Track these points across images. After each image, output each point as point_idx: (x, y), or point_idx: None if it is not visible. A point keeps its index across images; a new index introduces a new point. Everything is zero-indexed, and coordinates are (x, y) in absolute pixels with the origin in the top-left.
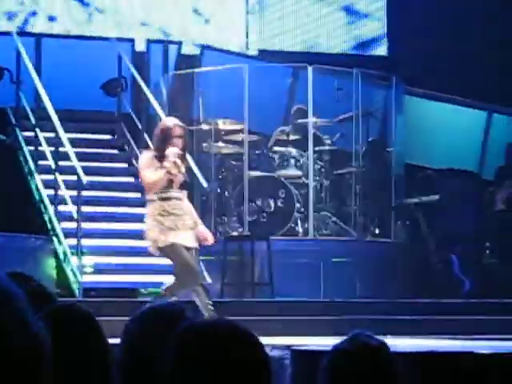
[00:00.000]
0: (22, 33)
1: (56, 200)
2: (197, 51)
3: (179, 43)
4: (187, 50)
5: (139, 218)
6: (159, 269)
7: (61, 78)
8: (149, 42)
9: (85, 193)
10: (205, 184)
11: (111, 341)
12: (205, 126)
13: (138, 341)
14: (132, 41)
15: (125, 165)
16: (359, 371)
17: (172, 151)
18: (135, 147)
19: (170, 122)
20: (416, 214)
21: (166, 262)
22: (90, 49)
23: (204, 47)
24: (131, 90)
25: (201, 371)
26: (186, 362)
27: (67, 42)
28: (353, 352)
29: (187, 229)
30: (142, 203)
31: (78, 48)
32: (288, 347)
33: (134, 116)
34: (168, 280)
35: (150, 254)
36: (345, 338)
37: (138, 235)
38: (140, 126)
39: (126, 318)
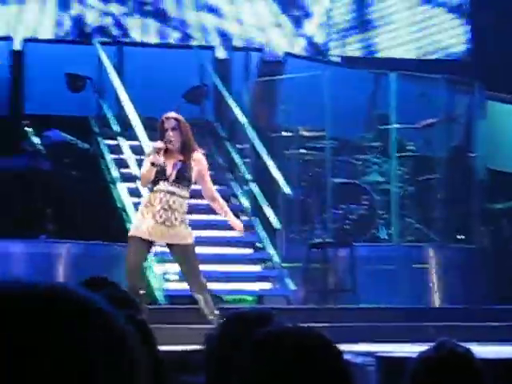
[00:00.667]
0: (104, 42)
1: None
2: (279, 58)
3: (261, 50)
4: (269, 57)
5: (222, 225)
6: (242, 276)
7: (143, 87)
8: (230, 49)
9: None
10: (287, 191)
11: (192, 347)
12: (286, 133)
13: (218, 345)
14: (213, 48)
15: (209, 173)
16: (446, 378)
17: (155, 144)
18: (219, 155)
19: (164, 115)
20: (500, 219)
21: (249, 269)
22: (172, 57)
23: (286, 54)
24: (213, 97)
25: (279, 379)
26: (264, 370)
27: (149, 50)
28: (439, 359)
29: (167, 224)
30: None
31: (160, 56)
32: (372, 354)
33: (216, 123)
34: (251, 287)
35: (234, 262)
36: (430, 345)
37: (221, 242)
38: (222, 134)
39: (209, 326)
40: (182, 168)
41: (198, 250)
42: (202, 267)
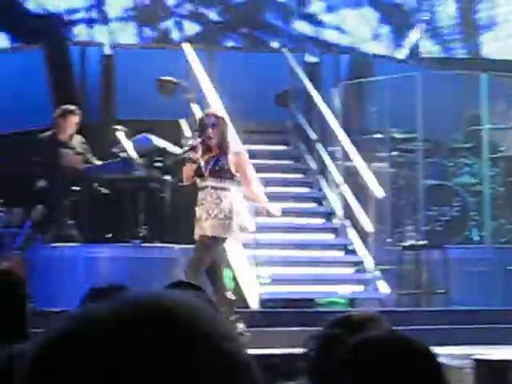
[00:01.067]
0: (195, 46)
1: None
2: (368, 61)
3: (350, 53)
4: (358, 59)
5: (315, 228)
6: (334, 279)
7: (233, 90)
8: (320, 52)
9: None
10: (379, 193)
11: (289, 351)
12: (378, 135)
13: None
14: (302, 52)
15: (299, 175)
16: None
17: (192, 141)
18: (309, 158)
19: (205, 112)
20: None
21: (341, 272)
22: (262, 60)
23: (375, 56)
24: (304, 100)
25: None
26: (359, 375)
27: (239, 54)
28: None
29: (212, 218)
30: (318, 213)
31: (250, 60)
32: (468, 356)
33: (306, 126)
34: (343, 289)
35: (325, 265)
36: None
37: (315, 245)
38: (313, 137)
39: (303, 328)
40: (216, 161)
41: (289, 253)
42: (295, 270)
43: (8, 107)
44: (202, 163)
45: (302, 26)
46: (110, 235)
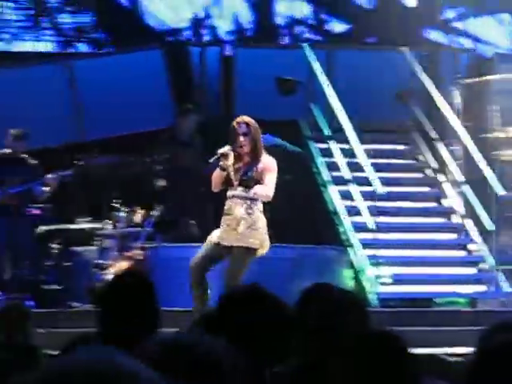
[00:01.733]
0: (313, 45)
1: (352, 211)
2: (489, 58)
3: (470, 51)
4: (477, 57)
5: (436, 228)
6: (454, 278)
7: (353, 89)
8: (439, 50)
9: (381, 203)
10: (500, 191)
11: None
12: (500, 134)
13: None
14: (420, 49)
15: (420, 175)
16: None
17: (222, 149)
18: (429, 156)
19: (236, 120)
20: None
21: (462, 271)
22: (382, 59)
23: (497, 54)
24: (423, 98)
25: None
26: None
27: (359, 53)
28: None
29: (231, 228)
30: (438, 212)
31: (371, 59)
32: None
33: (426, 125)
34: (464, 289)
35: (447, 264)
36: None
37: (435, 245)
38: (433, 135)
39: (422, 328)
40: (247, 171)
41: (409, 252)
42: (411, 270)
43: (128, 108)
44: (232, 172)
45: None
46: None
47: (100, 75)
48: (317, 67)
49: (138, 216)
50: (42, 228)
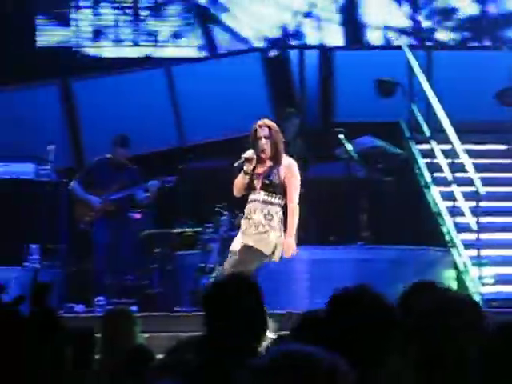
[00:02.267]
0: (413, 46)
1: (454, 212)
2: None
3: None
4: None
5: None
6: None
7: (452, 90)
8: None
9: (483, 203)
10: None
11: None
12: None
13: None
14: None
15: None
16: None
17: (246, 153)
18: None
19: (258, 122)
20: None
21: None
22: (481, 59)
23: None
24: None
25: None
26: None
27: (458, 53)
28: None
29: (249, 233)
30: None
31: (470, 59)
32: None
33: None
34: None
35: None
36: None
37: None
38: None
39: None
40: (269, 175)
41: (510, 252)
42: None
43: (226, 112)
44: (254, 176)
45: None
46: (334, 237)
47: (198, 79)
48: (416, 68)
49: (240, 219)
50: (145, 232)
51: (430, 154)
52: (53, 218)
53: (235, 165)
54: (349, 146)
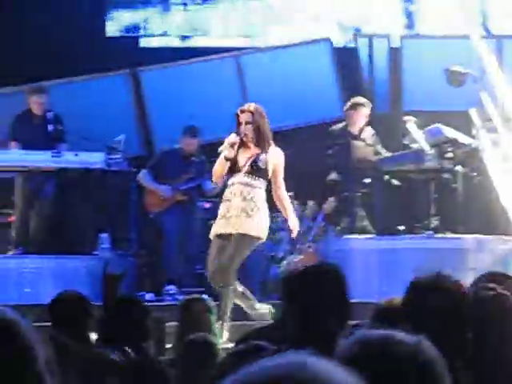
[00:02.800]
0: (483, 35)
1: None
2: None
3: None
4: None
5: None
6: None
7: None
8: None
9: None
10: None
11: None
12: None
13: None
14: None
15: None
16: None
17: (229, 138)
18: None
19: (240, 108)
20: None
21: None
22: None
23: None
24: None
25: None
26: None
27: None
28: None
29: (235, 215)
30: None
31: None
32: None
33: None
34: None
35: None
36: None
37: None
38: None
39: None
40: (256, 159)
41: None
42: None
43: (299, 100)
44: (240, 160)
45: None
46: (403, 227)
47: (267, 68)
48: (487, 57)
49: (310, 209)
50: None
51: (500, 143)
52: (123, 207)
53: (220, 150)
54: (419, 136)
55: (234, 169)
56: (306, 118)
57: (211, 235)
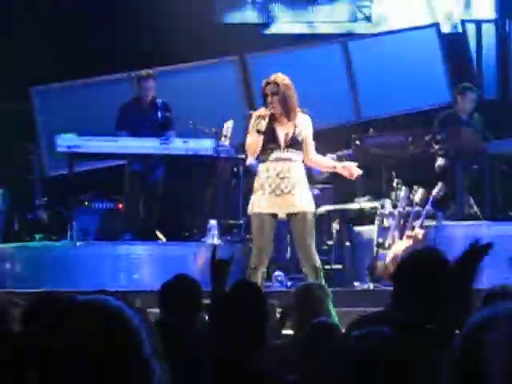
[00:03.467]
0: None
1: None
2: None
3: None
4: None
5: None
6: None
7: None
8: None
9: None
10: None
11: None
12: None
13: None
14: None
15: None
16: None
17: (258, 111)
18: None
19: (265, 79)
20: None
21: None
22: None
23: None
24: None
25: None
26: None
27: None
28: None
29: (285, 192)
30: None
31: None
32: None
33: None
34: None
35: None
36: None
37: None
38: None
39: None
40: (293, 132)
41: None
42: None
43: (401, 88)
44: (279, 134)
45: None
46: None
47: (374, 54)
48: None
49: (419, 195)
50: (323, 208)
51: None
52: (231, 194)
53: (252, 124)
54: None
55: (269, 144)
56: (415, 103)
57: (258, 211)
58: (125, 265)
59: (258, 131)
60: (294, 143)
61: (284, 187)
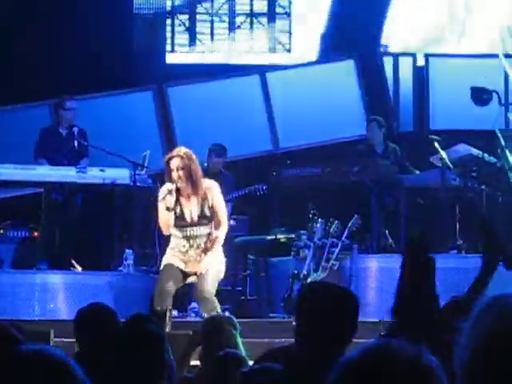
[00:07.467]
0: (508, 55)
1: None
2: None
3: None
4: None
5: None
6: None
7: None
8: None
9: None
10: None
11: None
12: None
13: None
14: None
15: None
16: None
17: (164, 187)
18: None
19: (167, 155)
20: None
21: None
22: None
23: None
24: None
25: None
26: None
27: None
28: None
29: (197, 261)
30: None
31: None
32: None
33: None
34: None
35: None
36: None
37: None
38: None
39: None
40: (200, 208)
41: None
42: None
43: (321, 117)
44: (179, 210)
45: None
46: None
47: (292, 85)
48: None
49: (334, 227)
50: (239, 239)
51: None
52: (147, 223)
53: (159, 198)
54: (444, 154)
55: (178, 221)
56: (332, 135)
57: (170, 263)
58: (40, 294)
59: (168, 208)
60: (203, 217)
61: (195, 255)
